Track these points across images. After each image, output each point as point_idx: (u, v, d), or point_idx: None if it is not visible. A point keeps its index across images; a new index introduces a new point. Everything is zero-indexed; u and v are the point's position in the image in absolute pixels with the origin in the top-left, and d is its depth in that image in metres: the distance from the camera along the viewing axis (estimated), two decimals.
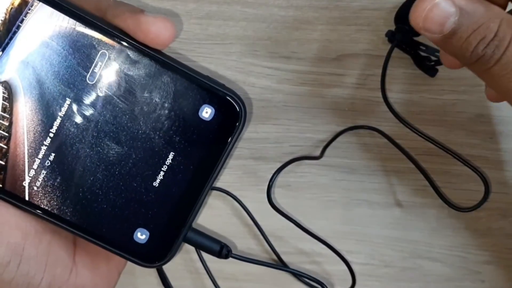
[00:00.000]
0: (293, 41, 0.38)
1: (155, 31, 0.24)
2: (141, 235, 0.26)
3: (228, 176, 0.38)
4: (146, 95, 0.25)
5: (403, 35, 0.36)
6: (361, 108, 0.37)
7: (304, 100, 0.38)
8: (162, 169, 0.25)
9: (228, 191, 0.37)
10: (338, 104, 0.38)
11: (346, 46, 0.38)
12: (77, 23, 0.24)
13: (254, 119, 0.38)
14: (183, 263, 0.38)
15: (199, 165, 0.25)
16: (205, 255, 0.37)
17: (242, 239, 0.38)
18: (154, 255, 0.26)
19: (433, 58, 0.36)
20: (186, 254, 0.38)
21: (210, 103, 0.25)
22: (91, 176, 0.25)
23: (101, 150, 0.25)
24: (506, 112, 0.37)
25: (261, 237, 0.37)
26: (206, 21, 0.38)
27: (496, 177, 0.37)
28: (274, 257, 0.37)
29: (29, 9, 0.24)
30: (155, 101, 0.25)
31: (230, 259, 0.31)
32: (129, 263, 0.27)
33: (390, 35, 0.36)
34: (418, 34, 0.37)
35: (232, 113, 0.25)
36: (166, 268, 0.38)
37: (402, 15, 0.36)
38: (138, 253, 0.26)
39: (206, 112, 0.25)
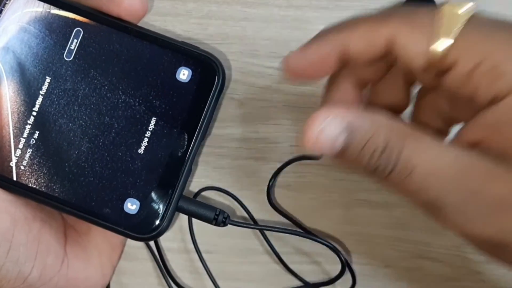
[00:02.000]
0: (293, 41, 0.38)
1: (128, 2, 0.25)
2: (131, 205, 0.25)
3: (228, 176, 0.38)
4: (123, 64, 0.26)
5: None
6: None
7: (304, 100, 0.38)
8: (146, 135, 0.26)
9: (228, 191, 0.37)
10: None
11: None
12: (51, 6, 0.26)
13: (254, 119, 0.38)
14: (183, 263, 0.38)
15: (182, 128, 0.26)
16: (207, 255, 0.37)
17: (242, 239, 0.38)
18: (147, 226, 0.25)
19: None
20: (186, 254, 0.38)
21: (186, 65, 0.26)
22: (75, 150, 0.25)
23: (83, 123, 0.26)
24: None
25: (262, 237, 0.37)
26: (206, 20, 0.38)
27: None
28: (274, 257, 0.37)
29: (6, 1, 0.26)
30: (132, 69, 0.26)
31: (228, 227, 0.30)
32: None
33: None
34: None
35: (209, 73, 0.26)
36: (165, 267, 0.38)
37: None
38: (130, 225, 0.25)
39: (183, 74, 0.26)
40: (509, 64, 0.19)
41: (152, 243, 0.38)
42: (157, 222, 0.25)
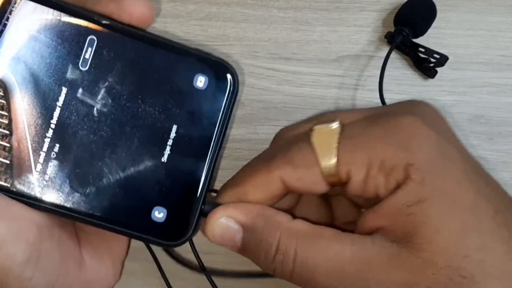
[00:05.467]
0: (292, 42, 0.38)
1: (139, 11, 0.24)
2: (158, 214, 0.25)
3: (229, 177, 0.38)
4: (140, 73, 0.25)
5: (402, 37, 0.36)
6: None
7: (304, 101, 0.38)
8: (168, 143, 0.25)
9: None
10: (338, 105, 0.38)
11: (346, 48, 0.38)
12: (62, 13, 0.25)
13: (254, 120, 0.38)
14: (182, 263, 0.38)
15: (202, 134, 0.26)
16: (207, 256, 0.37)
17: None
18: (176, 232, 0.25)
19: (432, 59, 0.36)
20: (184, 254, 0.38)
21: (203, 72, 0.26)
22: (98, 162, 0.25)
23: (104, 134, 0.25)
24: (506, 112, 0.37)
25: None
26: (206, 22, 0.38)
27: (496, 178, 0.37)
28: None
29: (13, 7, 0.24)
30: (149, 77, 0.25)
31: None
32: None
33: (390, 37, 0.37)
34: (417, 36, 0.37)
35: (224, 78, 0.26)
36: (166, 268, 0.38)
37: (401, 17, 0.36)
38: (159, 232, 0.25)
39: (200, 81, 0.26)
40: (393, 154, 0.20)
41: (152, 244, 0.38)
42: (185, 227, 0.25)
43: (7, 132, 0.25)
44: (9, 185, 0.24)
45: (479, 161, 0.22)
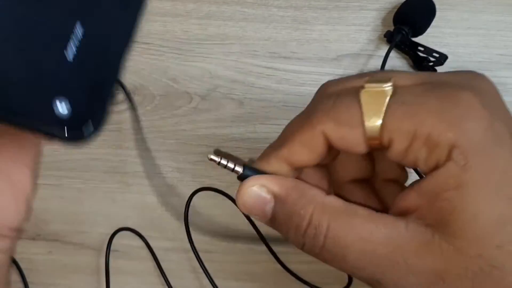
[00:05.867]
0: (292, 41, 0.38)
1: None
2: (60, 105, 0.24)
3: (228, 177, 0.38)
4: None
5: (401, 36, 0.36)
6: None
7: (303, 100, 0.38)
8: (72, 37, 0.24)
9: (226, 193, 0.37)
10: None
11: (345, 46, 0.38)
12: None
13: (253, 119, 0.38)
14: (182, 262, 0.38)
15: (110, 29, 0.24)
16: (207, 254, 0.37)
17: (242, 239, 0.38)
18: (79, 126, 0.23)
19: (431, 58, 0.36)
20: (184, 253, 0.38)
21: None
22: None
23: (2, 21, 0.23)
24: None
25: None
26: (206, 21, 0.38)
27: None
28: (272, 258, 0.37)
29: None
30: None
31: None
32: None
33: (389, 36, 0.37)
34: (416, 35, 0.37)
35: None
36: (165, 267, 0.38)
37: (401, 16, 0.36)
38: (61, 125, 0.23)
39: None
40: (442, 131, 0.19)
41: (151, 242, 0.38)
42: (90, 121, 0.23)
43: None
44: None
45: None
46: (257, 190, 0.22)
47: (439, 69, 0.37)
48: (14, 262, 0.39)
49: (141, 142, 0.38)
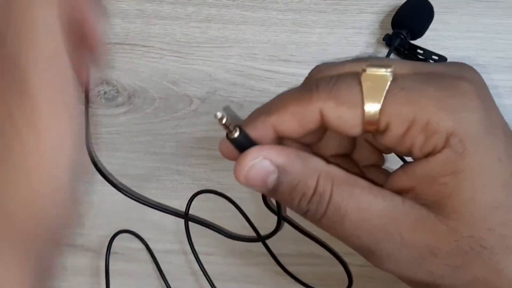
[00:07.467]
0: (291, 44, 0.38)
1: None
2: None
3: (227, 179, 0.38)
4: None
5: (400, 40, 0.36)
6: None
7: None
8: None
9: (225, 195, 0.37)
10: None
11: (344, 49, 0.38)
12: None
13: None
14: (182, 264, 0.38)
15: None
16: (206, 257, 0.37)
17: (242, 242, 0.38)
18: None
19: (430, 61, 0.36)
20: (184, 255, 0.38)
21: None
22: None
23: None
24: (504, 115, 0.37)
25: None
26: (206, 24, 0.38)
27: None
28: (272, 260, 0.37)
29: None
30: None
31: None
32: None
33: (388, 40, 0.37)
34: (415, 38, 0.37)
35: None
36: (165, 269, 0.38)
37: (399, 19, 0.36)
38: None
39: None
40: (441, 119, 0.19)
41: (151, 245, 0.38)
42: None
43: None
44: None
45: None
46: (262, 162, 0.21)
47: None
48: None
49: (140, 145, 0.38)
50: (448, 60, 0.36)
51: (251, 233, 0.37)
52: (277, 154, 0.21)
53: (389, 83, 0.20)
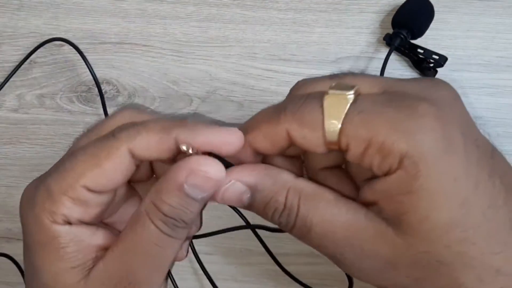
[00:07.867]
0: (292, 43, 0.38)
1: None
2: None
3: None
4: None
5: (400, 39, 0.36)
6: None
7: None
8: None
9: None
10: None
11: (345, 49, 0.38)
12: None
13: None
14: (183, 264, 0.38)
15: None
16: (207, 256, 0.37)
17: (242, 241, 0.38)
18: None
19: (431, 60, 0.36)
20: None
21: None
22: None
23: None
24: (504, 114, 0.37)
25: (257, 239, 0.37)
26: (206, 23, 0.38)
27: None
28: (271, 260, 0.37)
29: None
30: None
31: None
32: None
33: (388, 39, 0.37)
34: (415, 37, 0.37)
35: None
36: None
37: (399, 19, 0.36)
38: None
39: None
40: (395, 141, 0.20)
41: None
42: None
43: None
44: None
45: None
46: (234, 185, 0.23)
47: (440, 70, 0.37)
48: (15, 263, 0.39)
49: None
50: (449, 59, 0.36)
51: (250, 233, 0.38)
52: (248, 175, 0.23)
53: (348, 105, 0.21)
